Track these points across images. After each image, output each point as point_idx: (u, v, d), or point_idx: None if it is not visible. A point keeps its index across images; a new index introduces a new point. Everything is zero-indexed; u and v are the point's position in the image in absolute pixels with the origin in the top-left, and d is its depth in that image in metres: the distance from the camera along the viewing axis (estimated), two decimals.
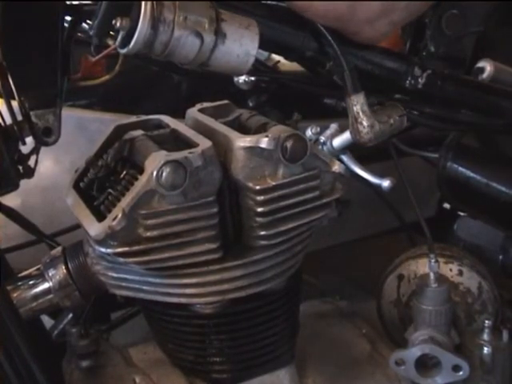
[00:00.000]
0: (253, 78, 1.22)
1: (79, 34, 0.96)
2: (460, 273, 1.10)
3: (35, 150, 0.92)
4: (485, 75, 1.10)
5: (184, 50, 0.84)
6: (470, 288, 1.09)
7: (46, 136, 0.89)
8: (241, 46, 0.86)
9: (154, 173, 0.79)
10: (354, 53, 0.95)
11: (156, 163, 0.79)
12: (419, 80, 0.98)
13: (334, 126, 1.03)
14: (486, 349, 0.98)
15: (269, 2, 0.96)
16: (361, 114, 0.91)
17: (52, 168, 1.30)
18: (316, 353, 1.06)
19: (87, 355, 0.96)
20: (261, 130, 0.89)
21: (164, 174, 0.79)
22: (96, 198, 0.88)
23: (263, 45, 0.88)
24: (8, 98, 0.88)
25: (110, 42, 0.86)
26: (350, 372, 1.05)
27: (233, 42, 0.85)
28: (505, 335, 0.99)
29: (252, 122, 0.94)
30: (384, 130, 0.93)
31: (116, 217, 0.80)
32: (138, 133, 0.93)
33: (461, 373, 0.97)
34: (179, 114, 1.01)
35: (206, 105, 1.00)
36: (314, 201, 0.88)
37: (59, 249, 0.93)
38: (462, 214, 1.32)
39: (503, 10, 1.20)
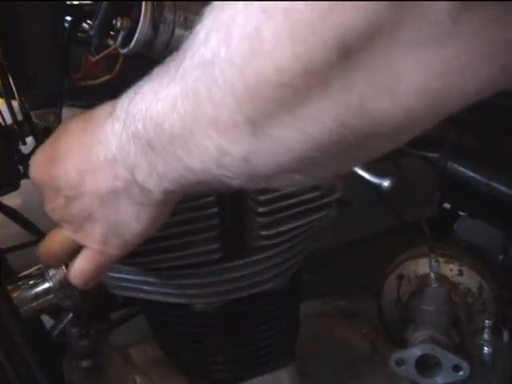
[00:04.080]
0: None
1: (79, 34, 0.96)
2: (460, 273, 1.10)
3: (35, 150, 0.92)
4: None
5: None
6: (470, 288, 1.09)
7: (46, 136, 0.89)
8: None
9: None
10: None
11: None
12: None
13: None
14: (486, 349, 0.98)
15: None
16: None
17: None
18: (316, 353, 1.06)
19: (87, 355, 0.96)
20: None
21: None
22: None
23: None
24: (8, 97, 0.88)
25: (111, 42, 0.86)
26: (350, 372, 1.05)
27: None
28: (505, 335, 0.99)
29: None
30: None
31: None
32: None
33: (461, 373, 0.97)
34: None
35: None
36: (314, 201, 0.88)
37: None
38: (462, 213, 1.32)
39: None
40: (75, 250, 0.75)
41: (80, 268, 0.75)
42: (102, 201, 0.68)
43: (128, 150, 0.62)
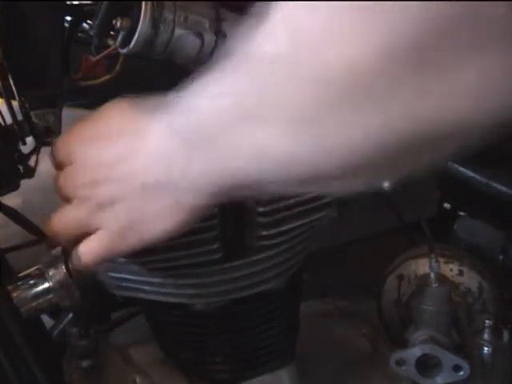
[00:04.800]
0: None
1: (79, 34, 0.96)
2: (460, 273, 1.10)
3: (36, 150, 0.92)
4: None
5: (184, 49, 0.84)
6: (470, 288, 1.09)
7: (46, 136, 0.89)
8: None
9: None
10: None
11: None
12: None
13: None
14: (486, 349, 0.98)
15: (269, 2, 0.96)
16: None
17: (52, 168, 1.29)
18: (316, 353, 1.06)
19: (87, 355, 0.96)
20: None
21: None
22: None
23: None
24: (8, 97, 0.88)
25: (111, 41, 0.86)
26: (350, 372, 1.05)
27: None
28: (505, 335, 0.99)
29: None
30: None
31: None
32: None
33: (461, 373, 0.97)
34: None
35: None
36: (314, 200, 0.88)
37: (59, 249, 0.93)
38: (462, 213, 1.32)
39: None
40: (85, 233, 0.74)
41: (90, 247, 0.74)
42: (130, 192, 0.67)
43: (168, 147, 0.62)
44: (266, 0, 0.49)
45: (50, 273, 0.91)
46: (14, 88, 0.87)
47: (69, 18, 0.92)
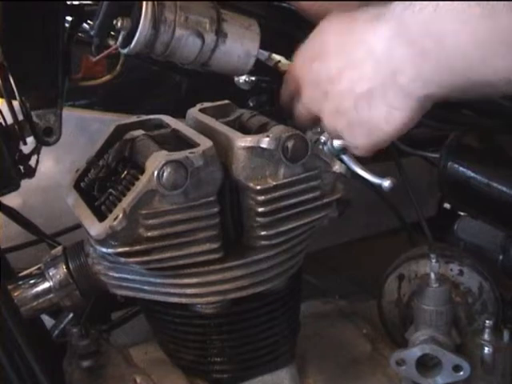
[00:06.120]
0: (253, 78, 1.22)
1: (80, 34, 0.96)
2: (460, 273, 1.10)
3: (36, 150, 0.92)
4: None
5: (185, 50, 0.84)
6: (470, 288, 1.09)
7: (46, 136, 0.89)
8: (242, 46, 0.86)
9: (155, 173, 0.79)
10: None
11: (157, 163, 0.80)
12: None
13: None
14: (486, 349, 0.98)
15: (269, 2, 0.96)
16: None
17: (53, 168, 1.30)
18: (316, 353, 1.06)
19: (88, 355, 0.96)
20: (262, 130, 0.89)
21: (165, 174, 0.79)
22: (97, 198, 0.88)
23: (264, 45, 0.88)
24: (9, 97, 0.88)
25: (111, 42, 0.86)
26: (351, 372, 1.05)
27: (234, 42, 0.85)
28: (505, 335, 0.99)
29: (253, 121, 0.94)
30: None
31: (117, 217, 0.80)
32: (139, 133, 0.93)
33: (461, 373, 0.97)
34: (180, 114, 1.01)
35: (206, 105, 1.00)
36: (314, 201, 0.88)
37: (60, 248, 0.93)
38: (462, 213, 1.32)
39: None
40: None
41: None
42: (356, 101, 0.74)
43: (394, 54, 0.68)
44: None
45: (51, 273, 0.91)
46: (14, 88, 0.87)
47: (69, 18, 0.93)
